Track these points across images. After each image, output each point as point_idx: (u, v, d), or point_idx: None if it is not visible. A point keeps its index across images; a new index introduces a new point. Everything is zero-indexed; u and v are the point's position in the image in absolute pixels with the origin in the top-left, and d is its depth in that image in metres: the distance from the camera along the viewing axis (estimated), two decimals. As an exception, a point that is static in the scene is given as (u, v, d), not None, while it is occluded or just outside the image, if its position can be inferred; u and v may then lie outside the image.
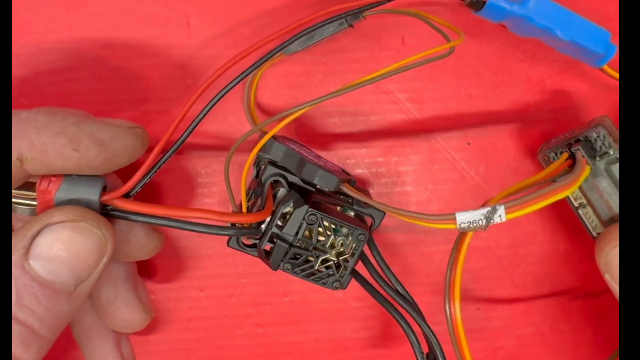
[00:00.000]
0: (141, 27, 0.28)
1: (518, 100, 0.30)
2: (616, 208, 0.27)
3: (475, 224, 0.22)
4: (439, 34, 0.26)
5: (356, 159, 0.30)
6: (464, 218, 0.22)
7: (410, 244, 0.31)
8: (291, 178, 0.26)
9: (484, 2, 0.25)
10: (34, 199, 0.22)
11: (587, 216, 0.27)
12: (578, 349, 0.33)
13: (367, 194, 0.29)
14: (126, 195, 0.23)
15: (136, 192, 0.23)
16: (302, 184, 0.26)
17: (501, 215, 0.22)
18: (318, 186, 0.26)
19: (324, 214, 0.25)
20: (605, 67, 0.27)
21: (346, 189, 0.25)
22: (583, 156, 0.26)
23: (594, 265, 0.32)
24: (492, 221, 0.22)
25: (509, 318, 0.32)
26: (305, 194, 0.26)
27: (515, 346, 0.33)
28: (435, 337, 0.25)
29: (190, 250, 0.31)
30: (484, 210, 0.22)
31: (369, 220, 0.27)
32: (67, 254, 0.20)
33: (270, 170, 0.26)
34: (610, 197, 0.27)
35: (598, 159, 0.26)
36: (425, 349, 0.26)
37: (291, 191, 0.26)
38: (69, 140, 0.21)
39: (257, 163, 0.27)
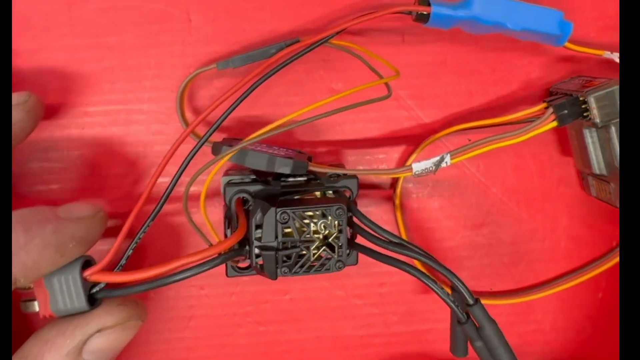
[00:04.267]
0: (142, 24, 0.28)
1: (518, 97, 0.30)
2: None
3: (427, 171, 0.26)
4: (433, 32, 0.27)
5: (357, 156, 0.30)
6: (418, 167, 0.26)
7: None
8: (253, 188, 0.26)
9: (429, 15, 0.25)
10: (30, 295, 0.23)
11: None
12: (579, 347, 0.33)
13: (342, 167, 0.29)
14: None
15: (121, 265, 0.24)
16: (265, 186, 0.26)
17: (447, 161, 0.26)
18: (280, 175, 0.26)
19: (293, 208, 0.25)
20: (568, 44, 0.27)
21: (312, 166, 0.26)
22: (553, 112, 0.26)
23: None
24: (440, 167, 0.26)
25: (510, 315, 0.32)
26: (272, 197, 0.26)
27: (517, 344, 0.32)
28: (453, 273, 0.24)
29: (191, 248, 0.31)
30: (435, 160, 0.26)
31: (347, 193, 0.28)
32: (116, 347, 0.23)
33: (230, 190, 0.26)
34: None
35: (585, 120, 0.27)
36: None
37: (256, 200, 0.26)
38: (56, 250, 0.22)
39: (223, 189, 0.27)
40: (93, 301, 0.23)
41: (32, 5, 0.28)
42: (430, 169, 0.26)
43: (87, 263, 0.23)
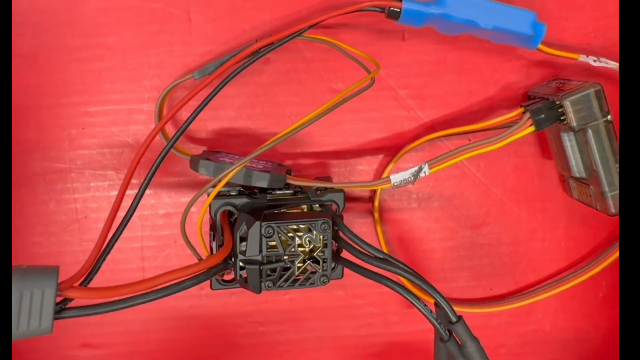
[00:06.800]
0: (142, 24, 0.28)
1: (519, 97, 0.30)
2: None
3: (406, 181, 0.25)
4: (433, 30, 0.27)
5: (358, 156, 0.30)
6: (396, 178, 0.25)
7: (412, 241, 0.31)
8: (239, 201, 0.26)
9: (400, 11, 0.25)
10: None
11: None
12: (579, 346, 0.33)
13: (327, 179, 0.29)
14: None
15: (91, 278, 0.21)
16: (251, 199, 0.26)
17: (425, 171, 0.25)
18: (268, 190, 0.26)
19: (279, 221, 0.24)
20: (541, 46, 0.27)
21: (290, 179, 0.26)
22: (530, 117, 0.26)
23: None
24: (418, 177, 0.25)
25: (510, 315, 0.32)
26: (258, 210, 0.25)
27: (517, 344, 0.33)
28: (436, 290, 0.24)
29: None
30: (413, 170, 0.25)
31: (334, 207, 0.27)
32: None
33: (216, 203, 0.26)
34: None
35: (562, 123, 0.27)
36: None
37: (241, 214, 0.26)
38: None
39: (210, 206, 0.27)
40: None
41: (32, 5, 0.28)
42: (409, 179, 0.25)
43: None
